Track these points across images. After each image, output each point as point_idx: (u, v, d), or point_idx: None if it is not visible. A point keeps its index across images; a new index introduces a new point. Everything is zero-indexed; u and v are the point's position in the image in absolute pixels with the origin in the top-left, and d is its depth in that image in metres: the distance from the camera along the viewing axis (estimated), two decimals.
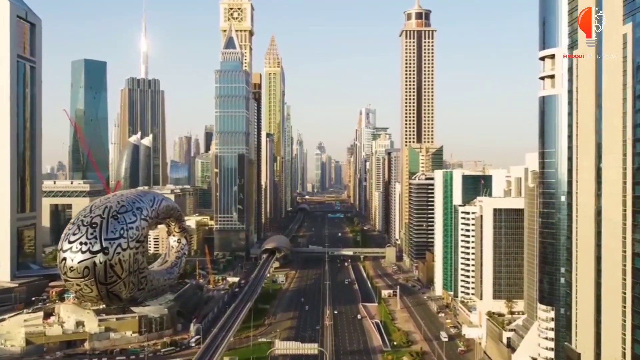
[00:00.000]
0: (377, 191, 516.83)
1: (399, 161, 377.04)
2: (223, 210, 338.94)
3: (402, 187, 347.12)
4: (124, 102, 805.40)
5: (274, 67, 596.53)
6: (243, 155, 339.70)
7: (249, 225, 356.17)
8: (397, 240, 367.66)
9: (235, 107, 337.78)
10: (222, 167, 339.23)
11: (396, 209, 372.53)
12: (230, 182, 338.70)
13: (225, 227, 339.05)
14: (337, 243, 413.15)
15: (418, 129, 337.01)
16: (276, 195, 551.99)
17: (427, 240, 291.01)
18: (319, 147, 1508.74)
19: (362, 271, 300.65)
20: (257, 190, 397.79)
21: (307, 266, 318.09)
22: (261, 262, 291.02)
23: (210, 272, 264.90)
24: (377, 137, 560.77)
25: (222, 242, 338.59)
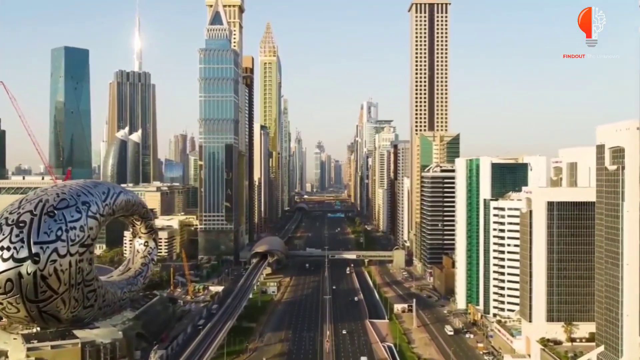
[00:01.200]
0: (380, 188, 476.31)
1: (408, 153, 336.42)
2: (209, 208, 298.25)
3: (412, 181, 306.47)
4: (112, 96, 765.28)
5: (269, 56, 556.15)
6: (231, 146, 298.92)
7: (239, 226, 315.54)
8: (405, 242, 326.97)
9: (222, 90, 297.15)
10: (207, 159, 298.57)
11: (404, 207, 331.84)
12: (216, 176, 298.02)
13: (211, 228, 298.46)
14: (337, 245, 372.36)
15: (430, 116, 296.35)
16: (272, 193, 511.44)
17: (443, 242, 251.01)
18: (318, 146, 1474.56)
19: (368, 278, 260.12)
20: (249, 186, 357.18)
21: (304, 272, 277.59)
22: (250, 268, 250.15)
23: (189, 281, 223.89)
24: (381, 131, 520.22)
25: (208, 245, 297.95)
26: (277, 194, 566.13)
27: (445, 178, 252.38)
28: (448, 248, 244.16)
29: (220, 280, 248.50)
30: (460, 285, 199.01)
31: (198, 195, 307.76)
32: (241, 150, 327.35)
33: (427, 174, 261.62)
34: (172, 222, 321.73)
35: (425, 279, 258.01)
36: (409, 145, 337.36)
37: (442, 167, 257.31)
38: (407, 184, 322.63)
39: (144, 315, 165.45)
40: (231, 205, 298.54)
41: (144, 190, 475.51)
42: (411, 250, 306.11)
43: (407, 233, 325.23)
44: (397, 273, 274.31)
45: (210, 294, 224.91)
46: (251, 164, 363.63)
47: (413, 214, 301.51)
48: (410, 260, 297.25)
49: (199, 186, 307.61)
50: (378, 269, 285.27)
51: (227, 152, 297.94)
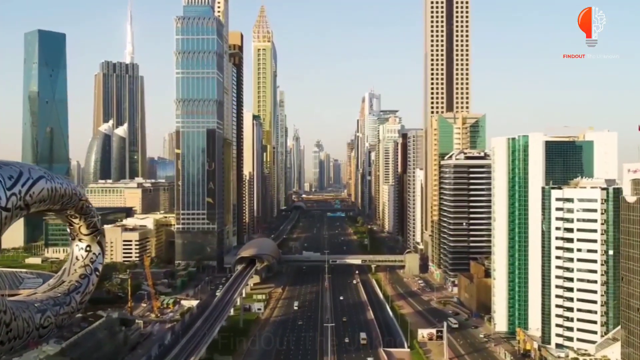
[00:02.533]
0: (385, 184, 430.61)
1: (421, 141, 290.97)
2: (187, 204, 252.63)
3: (426, 173, 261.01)
4: (97, 88, 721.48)
5: (263, 41, 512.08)
6: (214, 131, 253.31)
7: (224, 226, 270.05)
8: (418, 245, 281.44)
9: (203, 66, 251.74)
10: (184, 146, 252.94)
11: (416, 203, 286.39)
12: (196, 166, 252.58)
13: (190, 228, 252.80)
14: (339, 248, 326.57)
15: (448, 95, 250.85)
16: (266, 189, 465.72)
17: (468, 244, 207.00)
18: (317, 145, 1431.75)
19: (376, 288, 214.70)
20: (237, 180, 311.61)
21: (300, 280, 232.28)
22: (232, 277, 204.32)
23: (153, 294, 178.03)
24: (385, 122, 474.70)
25: (186, 248, 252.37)
26: (272, 192, 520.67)
27: (472, 167, 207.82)
28: (476, 252, 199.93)
29: (197, 292, 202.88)
30: (500, 301, 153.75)
31: (175, 190, 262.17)
32: (227, 138, 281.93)
33: (447, 163, 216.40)
34: (147, 222, 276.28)
35: (446, 289, 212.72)
36: (421, 133, 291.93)
37: (467, 154, 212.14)
38: (420, 177, 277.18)
39: (77, 347, 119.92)
40: (214, 201, 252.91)
41: (123, 186, 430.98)
42: (425, 254, 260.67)
43: (419, 234, 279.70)
44: (411, 282, 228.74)
45: (181, 311, 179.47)
46: (240, 154, 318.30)
47: (428, 211, 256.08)
48: (425, 266, 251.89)
49: (175, 179, 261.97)
50: (387, 277, 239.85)
51: (209, 138, 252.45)
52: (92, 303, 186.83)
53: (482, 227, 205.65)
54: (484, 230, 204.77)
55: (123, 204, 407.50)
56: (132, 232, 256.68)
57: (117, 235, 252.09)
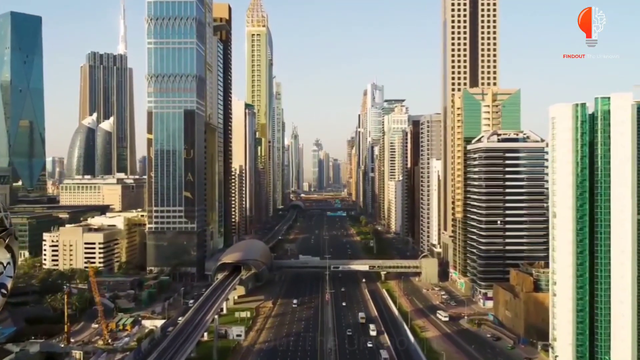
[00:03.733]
0: (391, 180, 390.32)
1: (437, 128, 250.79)
2: (161, 200, 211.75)
3: (446, 163, 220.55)
4: (84, 80, 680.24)
5: (257, 26, 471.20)
6: (192, 113, 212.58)
7: (206, 225, 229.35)
8: (434, 247, 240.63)
9: (180, 34, 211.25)
10: (157, 130, 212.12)
11: (431, 199, 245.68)
12: (171, 154, 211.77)
13: (163, 228, 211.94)
14: (341, 251, 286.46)
15: (472, 69, 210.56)
16: (260, 186, 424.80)
17: (504, 247, 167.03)
18: (316, 144, 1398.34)
19: (389, 301, 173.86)
20: (224, 173, 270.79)
21: (295, 291, 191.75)
22: (210, 289, 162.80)
23: (102, 315, 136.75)
24: (390, 112, 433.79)
25: (160, 252, 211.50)
26: (268, 189, 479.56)
27: (508, 151, 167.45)
28: (514, 257, 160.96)
29: (166, 308, 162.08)
30: (564, 324, 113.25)
31: (147, 183, 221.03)
32: (211, 123, 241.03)
33: (476, 147, 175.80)
34: (117, 221, 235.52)
35: (476, 302, 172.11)
36: (437, 117, 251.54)
37: (503, 135, 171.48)
38: (437, 168, 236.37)
39: None
40: (193, 196, 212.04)
41: (101, 182, 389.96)
42: (444, 259, 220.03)
43: (436, 234, 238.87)
44: (431, 294, 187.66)
45: (140, 334, 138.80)
46: (228, 143, 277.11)
47: (448, 208, 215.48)
48: (445, 273, 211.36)
49: (147, 170, 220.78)
50: (400, 286, 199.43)
51: (187, 120, 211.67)
52: (30, 323, 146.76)
53: (523, 226, 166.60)
54: (525, 230, 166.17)
55: (101, 201, 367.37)
56: (95, 233, 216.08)
57: (77, 237, 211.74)
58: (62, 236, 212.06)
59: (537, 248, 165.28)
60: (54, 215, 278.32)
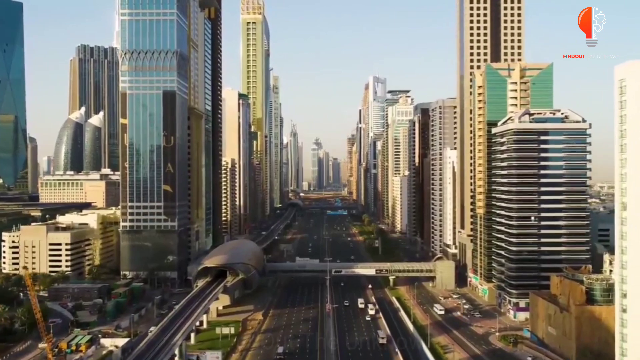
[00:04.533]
0: (396, 176, 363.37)
1: (449, 115, 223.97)
2: (136, 195, 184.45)
3: (462, 153, 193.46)
4: (73, 74, 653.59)
5: (253, 13, 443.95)
6: (173, 95, 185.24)
7: (190, 223, 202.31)
8: (448, 248, 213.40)
9: (158, 4, 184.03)
10: (133, 114, 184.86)
11: (444, 194, 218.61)
12: (148, 142, 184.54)
13: (139, 226, 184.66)
14: (343, 253, 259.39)
15: (494, 41, 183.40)
16: (255, 183, 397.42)
17: (539, 249, 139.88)
18: (315, 143, 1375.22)
19: (401, 313, 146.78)
20: (213, 166, 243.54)
21: (291, 300, 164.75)
22: (187, 299, 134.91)
23: (43, 333, 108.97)
24: (394, 104, 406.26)
25: (134, 254, 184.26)
26: (264, 187, 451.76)
27: (545, 132, 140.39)
28: (553, 260, 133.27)
29: (134, 321, 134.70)
30: (638, 348, 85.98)
31: (120, 175, 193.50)
32: (196, 108, 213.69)
33: (503, 130, 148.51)
34: (90, 219, 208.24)
35: (504, 314, 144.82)
36: (450, 103, 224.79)
37: (537, 114, 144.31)
38: (452, 159, 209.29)
39: None
40: (174, 190, 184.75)
41: (84, 179, 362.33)
42: (462, 262, 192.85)
43: (450, 233, 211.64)
44: (449, 303, 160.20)
45: (95, 358, 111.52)
46: (217, 133, 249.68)
47: (466, 203, 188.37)
48: (463, 277, 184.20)
49: (121, 160, 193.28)
50: (413, 293, 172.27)
51: (167, 102, 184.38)
52: None
53: (562, 223, 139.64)
54: (565, 227, 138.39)
55: (83, 199, 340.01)
56: (62, 233, 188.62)
57: (40, 237, 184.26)
58: (23, 236, 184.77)
59: (578, 249, 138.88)
60: (24, 213, 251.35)
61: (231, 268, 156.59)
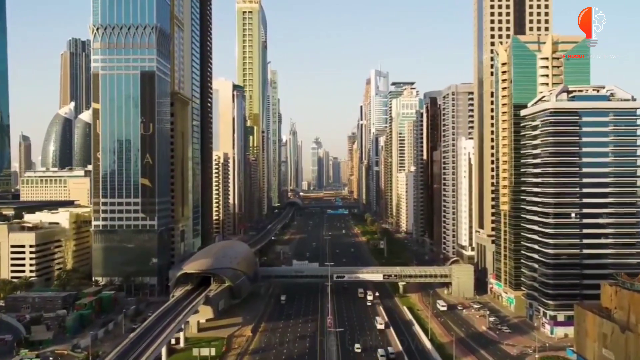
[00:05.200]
0: (401, 172, 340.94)
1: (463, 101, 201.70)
2: (110, 190, 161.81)
3: (481, 142, 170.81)
4: (64, 69, 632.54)
5: (249, 2, 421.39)
6: (152, 76, 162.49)
7: (175, 223, 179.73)
8: (463, 250, 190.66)
9: None
10: (106, 98, 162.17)
11: (460, 189, 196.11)
12: (123, 130, 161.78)
13: (113, 226, 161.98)
14: (345, 255, 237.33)
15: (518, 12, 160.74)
16: (252, 180, 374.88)
17: (581, 252, 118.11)
18: (315, 142, 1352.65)
19: (415, 327, 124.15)
20: (202, 159, 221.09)
21: (286, 311, 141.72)
22: (160, 311, 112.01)
23: None
24: (399, 96, 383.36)
25: (108, 257, 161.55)
26: (261, 184, 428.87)
27: (588, 113, 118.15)
28: (598, 265, 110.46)
29: (101, 338, 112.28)
30: None
31: (92, 167, 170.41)
32: (181, 94, 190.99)
33: (537, 110, 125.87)
34: (61, 217, 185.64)
35: (538, 328, 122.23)
36: (464, 88, 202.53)
37: (577, 92, 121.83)
38: (467, 150, 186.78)
39: None
40: (153, 184, 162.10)
41: (67, 175, 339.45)
42: (481, 265, 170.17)
43: (466, 233, 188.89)
44: (472, 315, 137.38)
45: None
46: (206, 123, 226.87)
47: (486, 199, 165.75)
48: (482, 283, 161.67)
49: (92, 151, 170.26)
50: (426, 302, 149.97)
51: (145, 85, 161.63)
52: None
53: (609, 221, 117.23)
54: (613, 226, 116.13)
55: (67, 196, 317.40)
56: (26, 233, 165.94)
57: (1, 238, 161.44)
58: None
59: (627, 252, 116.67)
60: None
61: (216, 274, 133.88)
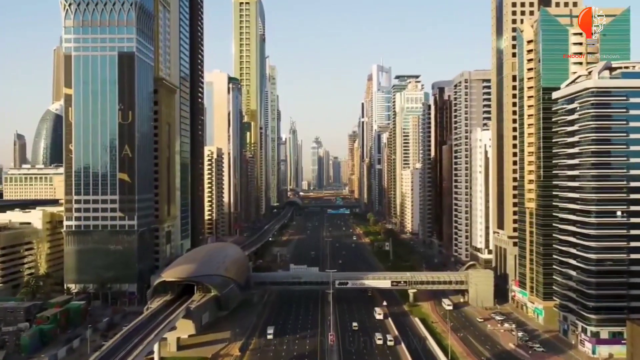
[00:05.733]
0: (406, 169, 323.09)
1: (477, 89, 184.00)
2: (84, 186, 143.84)
3: (501, 131, 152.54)
4: (57, 64, 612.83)
5: None
6: (132, 58, 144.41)
7: (159, 223, 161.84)
8: (478, 252, 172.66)
9: None
10: (79, 82, 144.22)
11: (474, 185, 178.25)
12: (99, 118, 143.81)
13: (87, 226, 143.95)
14: (347, 257, 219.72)
15: None
16: (249, 178, 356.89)
17: (628, 257, 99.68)
18: (315, 141, 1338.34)
19: (431, 343, 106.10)
20: (192, 155, 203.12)
21: (281, 326, 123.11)
22: (128, 329, 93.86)
23: None
24: (403, 90, 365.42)
25: (82, 260, 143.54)
26: (258, 183, 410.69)
27: (634, 93, 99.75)
28: None
29: (63, 358, 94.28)
30: None
31: (64, 160, 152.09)
32: (167, 80, 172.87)
33: (573, 91, 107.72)
34: (33, 217, 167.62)
35: (577, 346, 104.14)
36: (477, 75, 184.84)
37: (623, 69, 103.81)
38: (483, 141, 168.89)
39: None
40: (132, 179, 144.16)
41: (53, 172, 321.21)
42: (500, 271, 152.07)
43: (482, 234, 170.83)
44: (496, 329, 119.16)
45: None
46: (196, 114, 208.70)
47: (507, 196, 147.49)
48: (503, 290, 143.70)
49: (64, 142, 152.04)
50: (440, 311, 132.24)
51: (123, 68, 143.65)
52: None
53: None
54: None
55: (52, 195, 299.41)
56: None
57: None
58: None
59: None
60: None
61: (199, 282, 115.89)
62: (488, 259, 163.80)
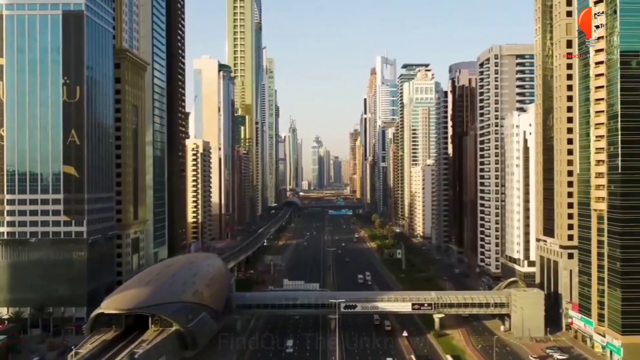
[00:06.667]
0: (415, 166, 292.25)
1: (511, 67, 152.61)
2: (18, 182, 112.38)
3: (555, 111, 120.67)
4: None
5: None
6: (81, 18, 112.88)
7: (124, 228, 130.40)
8: (515, 264, 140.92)
9: None
10: (13, 49, 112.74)
11: (509, 181, 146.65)
12: (37, 95, 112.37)
13: (23, 233, 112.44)
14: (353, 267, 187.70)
15: None
16: (243, 176, 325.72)
17: None
18: (316, 141, 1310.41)
19: None
20: (169, 148, 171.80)
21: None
22: None
23: None
24: (411, 80, 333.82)
25: (15, 277, 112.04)
26: (254, 182, 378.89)
27: None
28: None
29: None
30: None
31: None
32: (134, 54, 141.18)
33: None
34: None
35: None
36: (514, 50, 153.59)
37: None
38: (522, 128, 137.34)
39: None
40: (80, 174, 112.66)
41: None
42: (550, 289, 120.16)
43: (521, 242, 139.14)
44: None
45: None
46: (174, 99, 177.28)
47: (558, 195, 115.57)
48: (554, 314, 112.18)
49: None
50: (475, 344, 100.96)
51: (68, 32, 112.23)
52: None
53: None
54: None
55: None
56: None
57: None
58: None
59: None
60: None
61: (154, 313, 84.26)
62: (529, 273, 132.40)
